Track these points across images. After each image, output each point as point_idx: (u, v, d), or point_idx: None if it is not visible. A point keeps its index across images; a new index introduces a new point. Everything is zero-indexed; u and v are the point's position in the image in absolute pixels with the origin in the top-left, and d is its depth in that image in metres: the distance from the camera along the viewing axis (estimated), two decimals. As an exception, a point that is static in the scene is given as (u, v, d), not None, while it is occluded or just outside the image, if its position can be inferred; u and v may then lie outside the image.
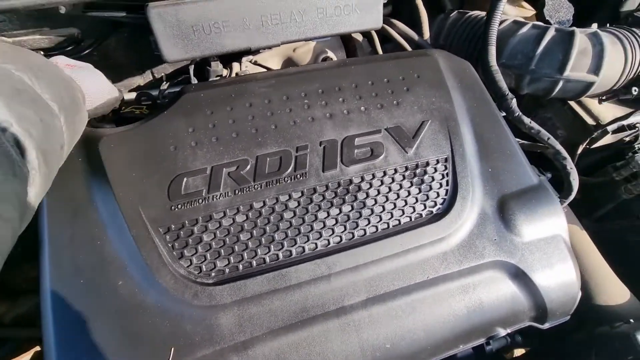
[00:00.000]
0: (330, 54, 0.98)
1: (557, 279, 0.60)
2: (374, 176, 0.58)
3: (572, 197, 0.71)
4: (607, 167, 0.88)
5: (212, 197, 0.54)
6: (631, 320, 0.64)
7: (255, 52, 0.81)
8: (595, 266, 0.73)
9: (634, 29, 0.79)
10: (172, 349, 0.47)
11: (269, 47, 0.67)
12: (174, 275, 0.49)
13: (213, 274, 0.51)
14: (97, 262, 0.50)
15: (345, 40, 0.99)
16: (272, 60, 0.93)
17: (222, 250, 0.52)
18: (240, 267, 0.52)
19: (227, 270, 0.51)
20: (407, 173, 0.60)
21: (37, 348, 0.87)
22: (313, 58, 0.98)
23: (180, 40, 0.59)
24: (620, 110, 0.86)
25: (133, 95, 0.82)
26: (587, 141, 0.84)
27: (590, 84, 0.77)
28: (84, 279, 0.49)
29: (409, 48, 0.94)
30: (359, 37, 1.01)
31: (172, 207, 0.52)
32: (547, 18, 0.93)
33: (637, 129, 0.83)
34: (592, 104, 0.87)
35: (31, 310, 0.70)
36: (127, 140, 0.55)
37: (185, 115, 0.58)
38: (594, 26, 0.81)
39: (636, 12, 0.86)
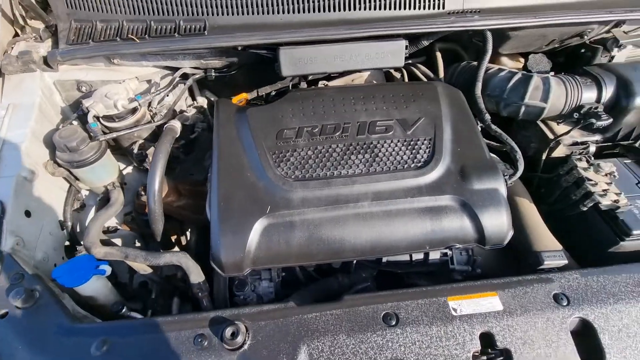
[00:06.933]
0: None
1: (494, 215, 0.97)
2: (385, 141, 1.04)
3: (519, 172, 1.07)
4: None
5: (297, 140, 1.04)
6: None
7: (329, 78, 1.36)
8: (533, 222, 1.06)
9: (576, 77, 1.17)
10: (269, 206, 0.96)
11: (336, 73, 1.21)
12: (275, 173, 0.99)
13: (292, 177, 1.00)
14: (241, 164, 1.02)
15: (388, 76, 1.51)
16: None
17: (299, 166, 1.01)
18: (306, 176, 1.00)
19: (299, 176, 1.00)
20: (404, 142, 1.05)
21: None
22: (364, 86, 1.50)
23: (292, 65, 1.15)
24: (576, 132, 1.21)
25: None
26: (547, 150, 1.19)
27: (542, 109, 1.16)
28: (234, 171, 1.01)
29: (428, 83, 1.41)
30: (397, 75, 1.52)
31: (277, 143, 1.04)
32: (529, 68, 1.35)
33: (587, 144, 1.17)
34: (554, 125, 1.24)
35: (186, 203, 1.25)
36: (260, 112, 1.10)
37: (289, 102, 1.11)
38: (551, 73, 1.21)
39: (585, 67, 1.24)
